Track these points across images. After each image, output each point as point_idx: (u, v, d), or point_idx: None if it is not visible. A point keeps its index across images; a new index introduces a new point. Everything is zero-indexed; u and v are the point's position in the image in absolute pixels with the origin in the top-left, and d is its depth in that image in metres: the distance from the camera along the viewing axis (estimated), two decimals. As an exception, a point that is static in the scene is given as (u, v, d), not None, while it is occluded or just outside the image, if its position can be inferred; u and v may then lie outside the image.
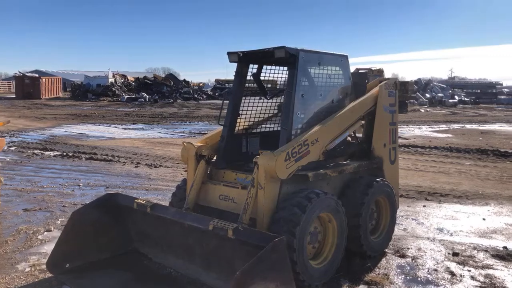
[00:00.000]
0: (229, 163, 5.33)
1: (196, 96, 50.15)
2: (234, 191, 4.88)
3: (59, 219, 6.87)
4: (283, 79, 5.85)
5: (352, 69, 5.82)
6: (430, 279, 4.86)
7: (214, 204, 5.04)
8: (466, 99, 50.47)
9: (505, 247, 5.81)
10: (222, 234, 4.05)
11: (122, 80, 51.80)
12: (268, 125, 5.96)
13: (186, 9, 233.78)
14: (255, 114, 5.76)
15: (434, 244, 5.94)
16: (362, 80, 5.87)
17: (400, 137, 13.19)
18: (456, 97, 48.47)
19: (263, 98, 5.82)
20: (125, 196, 5.28)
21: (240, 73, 5.46)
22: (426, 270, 5.09)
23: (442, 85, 53.98)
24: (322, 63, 5.23)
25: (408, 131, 21.05)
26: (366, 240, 5.18)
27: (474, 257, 5.48)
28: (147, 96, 44.71)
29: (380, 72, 34.86)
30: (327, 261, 4.68)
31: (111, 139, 17.30)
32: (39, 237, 6.09)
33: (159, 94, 46.79)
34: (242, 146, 5.64)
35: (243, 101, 5.53)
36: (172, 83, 52.14)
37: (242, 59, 5.33)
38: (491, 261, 5.36)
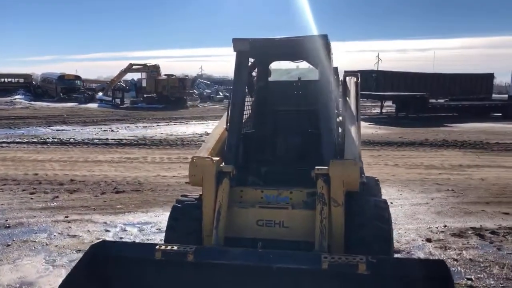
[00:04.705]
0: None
1: None
2: (281, 213, 3.85)
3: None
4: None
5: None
6: None
7: (250, 234, 3.88)
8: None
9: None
10: (347, 271, 3.06)
11: None
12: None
13: None
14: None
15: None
16: None
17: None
18: (221, 93, 45.99)
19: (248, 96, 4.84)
20: (123, 244, 3.61)
21: (245, 65, 4.42)
22: None
23: (207, 82, 54.68)
24: None
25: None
26: None
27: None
28: None
29: (156, 68, 35.51)
30: None
31: None
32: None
33: None
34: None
35: None
36: None
37: (254, 49, 4.32)
38: None
